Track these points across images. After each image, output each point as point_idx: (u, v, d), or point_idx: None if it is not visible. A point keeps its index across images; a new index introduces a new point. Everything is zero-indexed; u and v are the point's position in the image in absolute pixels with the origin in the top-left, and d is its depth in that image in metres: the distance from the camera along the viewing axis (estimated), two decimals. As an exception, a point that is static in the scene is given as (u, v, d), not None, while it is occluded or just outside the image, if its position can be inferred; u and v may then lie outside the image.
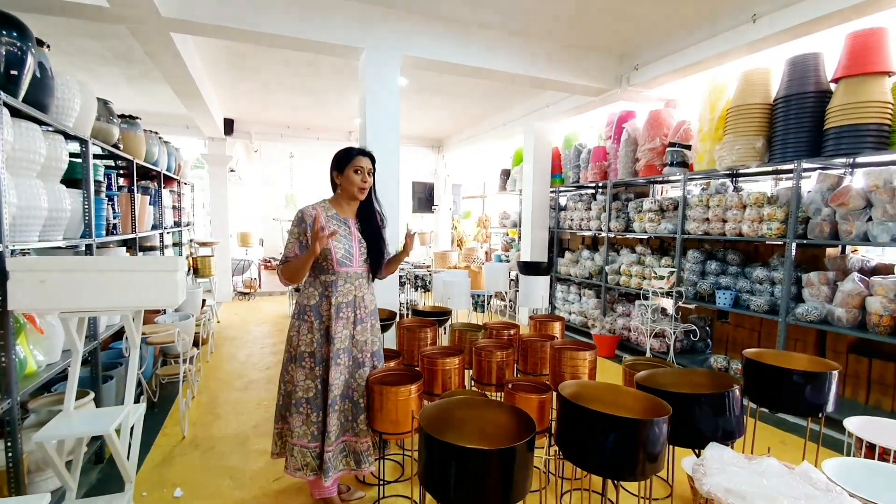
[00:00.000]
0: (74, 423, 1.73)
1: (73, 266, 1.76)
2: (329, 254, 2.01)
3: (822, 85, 3.40)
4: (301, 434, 2.05)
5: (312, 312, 2.06)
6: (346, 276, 2.07)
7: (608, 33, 4.02)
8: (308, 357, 2.06)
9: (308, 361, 2.06)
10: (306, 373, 2.06)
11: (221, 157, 7.50)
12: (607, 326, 5.05)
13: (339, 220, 2.10)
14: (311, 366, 2.06)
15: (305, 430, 2.06)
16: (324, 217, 2.04)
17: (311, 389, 2.06)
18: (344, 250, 2.06)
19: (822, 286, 3.40)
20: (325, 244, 1.95)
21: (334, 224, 2.06)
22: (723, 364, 3.99)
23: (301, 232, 2.02)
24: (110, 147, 3.03)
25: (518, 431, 1.35)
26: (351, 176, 2.07)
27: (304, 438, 2.05)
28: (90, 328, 2.60)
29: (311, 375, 2.06)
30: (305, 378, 2.06)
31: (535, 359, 2.83)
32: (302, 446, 2.06)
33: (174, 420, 3.25)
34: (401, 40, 3.63)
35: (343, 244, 2.06)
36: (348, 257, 2.07)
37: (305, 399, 2.06)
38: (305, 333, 2.06)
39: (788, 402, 1.82)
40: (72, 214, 2.43)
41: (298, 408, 2.05)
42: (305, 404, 2.06)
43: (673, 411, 1.34)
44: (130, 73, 5.14)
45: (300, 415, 2.05)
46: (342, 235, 2.07)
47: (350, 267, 2.08)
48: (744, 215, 3.79)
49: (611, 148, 5.32)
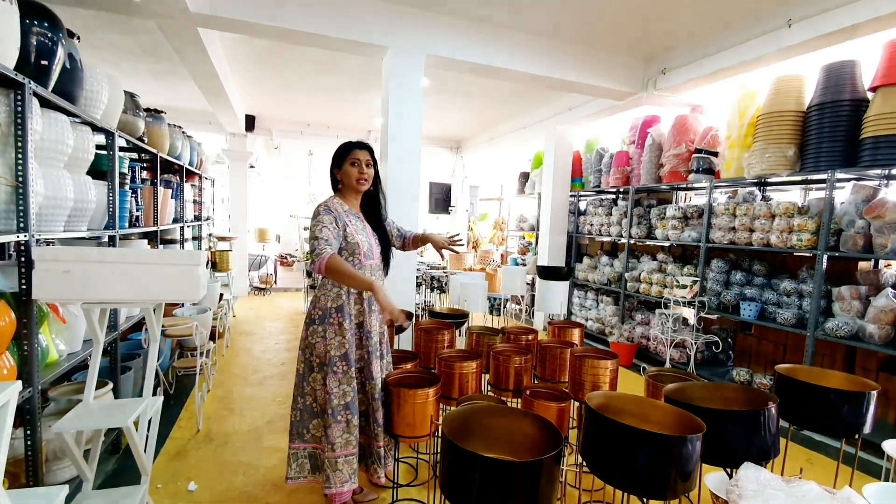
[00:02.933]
0: (94, 415, 1.73)
1: (96, 257, 1.76)
2: (357, 248, 1.99)
3: (859, 93, 3.28)
4: (343, 444, 1.95)
5: (340, 314, 1.99)
6: (371, 268, 2.06)
7: (636, 36, 3.94)
8: (340, 361, 1.96)
9: (341, 365, 1.96)
10: (340, 378, 1.95)
11: (242, 152, 7.57)
12: (625, 334, 4.95)
13: (353, 214, 2.09)
14: (344, 369, 1.97)
15: (348, 437, 1.96)
16: (340, 209, 2.03)
17: (348, 394, 1.96)
18: (367, 244, 2.06)
19: (853, 301, 3.28)
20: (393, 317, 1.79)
21: (352, 218, 2.06)
22: (746, 377, 3.88)
23: (332, 220, 1.95)
24: (135, 140, 3.05)
25: (543, 442, 1.30)
26: (348, 169, 2.06)
27: (347, 447, 1.95)
28: (111, 319, 2.62)
29: (347, 378, 1.97)
30: (340, 384, 1.95)
31: (553, 365, 2.78)
32: (346, 455, 1.96)
33: (189, 413, 3.27)
34: (425, 39, 3.61)
35: (365, 237, 2.06)
36: (371, 250, 2.07)
37: (343, 405, 1.95)
38: (333, 336, 1.97)
39: (823, 421, 1.74)
40: (96, 206, 2.45)
41: (336, 416, 1.93)
42: (344, 411, 1.95)
43: (706, 427, 1.28)
44: (157, 69, 5.20)
45: (339, 423, 1.94)
46: (361, 229, 2.06)
47: (373, 259, 2.08)
48: (772, 225, 3.68)
49: (634, 153, 5.23)
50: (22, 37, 1.74)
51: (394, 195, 3.65)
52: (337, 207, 2.02)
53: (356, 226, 2.05)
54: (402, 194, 3.67)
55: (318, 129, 7.96)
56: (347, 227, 1.99)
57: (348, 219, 2.03)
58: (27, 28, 1.79)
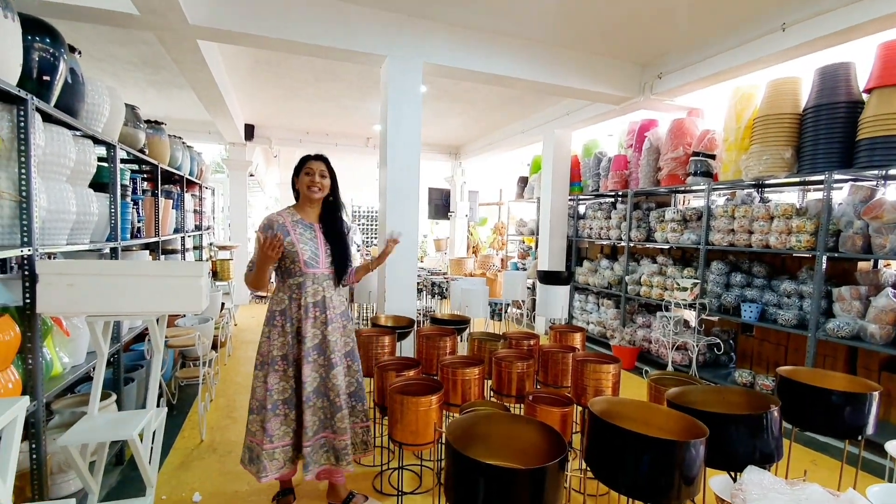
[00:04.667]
0: (98, 428, 1.73)
1: (100, 270, 1.77)
2: (296, 256, 2.09)
3: (854, 95, 3.31)
4: (281, 434, 2.11)
5: (283, 317, 2.13)
6: (313, 277, 2.14)
7: (632, 42, 3.98)
8: (281, 360, 2.12)
9: (281, 364, 2.12)
10: (280, 375, 2.11)
11: (241, 162, 7.60)
12: (627, 338, 4.95)
13: (305, 224, 2.18)
14: (283, 368, 2.12)
15: (286, 429, 2.12)
16: (290, 222, 2.14)
17: (286, 390, 2.12)
18: (310, 252, 2.13)
19: (853, 301, 3.28)
20: (278, 253, 2.00)
21: (300, 228, 2.15)
22: (748, 379, 3.88)
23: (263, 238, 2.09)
24: (136, 152, 3.07)
25: (547, 449, 1.31)
26: (302, 177, 2.18)
27: (284, 438, 2.12)
28: (113, 330, 2.62)
29: (285, 377, 2.12)
30: (279, 380, 2.11)
31: (555, 370, 2.78)
32: (283, 446, 2.12)
33: (192, 423, 3.27)
34: (423, 48, 3.64)
35: (309, 247, 2.14)
36: (315, 259, 2.14)
37: (282, 400, 2.12)
38: (277, 338, 2.12)
39: (826, 423, 1.75)
40: (99, 218, 2.46)
41: (276, 410, 2.10)
42: (283, 405, 2.12)
43: (709, 432, 1.28)
44: (156, 79, 5.23)
45: (278, 417, 2.10)
46: (308, 238, 2.15)
47: (317, 269, 2.15)
48: (771, 227, 3.70)
49: (632, 157, 5.25)
50: (24, 53, 1.76)
51: (394, 202, 3.67)
52: (280, 220, 2.13)
53: (303, 235, 2.14)
54: (402, 201, 3.68)
55: (318, 137, 7.99)
56: (290, 236, 2.10)
57: (294, 228, 2.13)
58: (29, 44, 1.81)
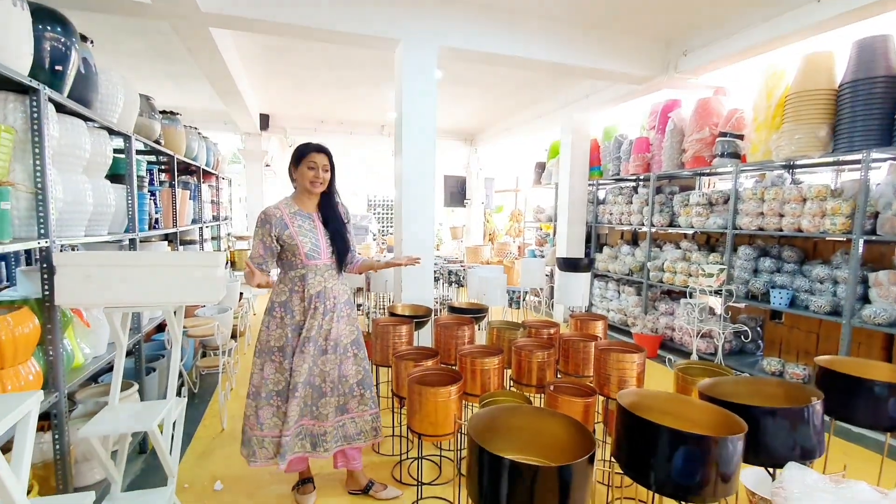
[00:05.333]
0: (119, 419, 1.73)
1: (117, 261, 1.76)
2: (297, 249, 2.05)
3: (893, 69, 3.12)
4: (272, 425, 2.09)
5: (282, 308, 2.10)
6: (315, 268, 2.11)
7: (656, 17, 3.80)
8: (277, 352, 2.09)
9: (277, 356, 2.09)
10: (276, 367, 2.09)
11: (257, 152, 7.61)
12: (649, 325, 4.85)
13: (303, 215, 2.12)
14: (279, 360, 2.09)
15: (277, 420, 2.09)
16: (287, 214, 2.08)
17: (280, 382, 2.10)
18: (311, 244, 2.09)
19: (891, 286, 3.13)
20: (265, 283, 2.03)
21: (299, 220, 2.09)
22: (777, 368, 3.75)
23: (265, 233, 2.05)
24: (152, 143, 3.07)
25: (573, 444, 1.25)
26: (304, 171, 2.10)
27: (275, 429, 2.09)
28: (134, 321, 2.64)
29: (281, 369, 2.09)
30: (275, 372, 2.09)
31: (577, 360, 2.71)
32: (272, 437, 2.10)
33: (213, 412, 3.30)
34: (437, 30, 3.54)
35: (309, 238, 2.09)
36: (316, 250, 2.10)
37: (276, 392, 2.10)
38: (275, 329, 2.10)
39: (868, 415, 1.65)
40: (116, 209, 2.46)
41: (269, 400, 2.09)
42: (276, 396, 2.10)
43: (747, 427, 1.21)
44: (172, 70, 5.24)
45: (271, 407, 2.09)
46: (308, 230, 2.10)
47: (318, 259, 2.11)
48: (804, 209, 3.53)
49: (654, 139, 5.08)
50: (35, 42, 1.74)
51: (409, 190, 3.61)
52: (278, 213, 2.07)
53: (301, 226, 2.08)
54: (418, 189, 3.62)
55: (332, 125, 7.95)
56: (289, 228, 2.04)
57: (292, 220, 2.07)
58: (40, 33, 1.79)
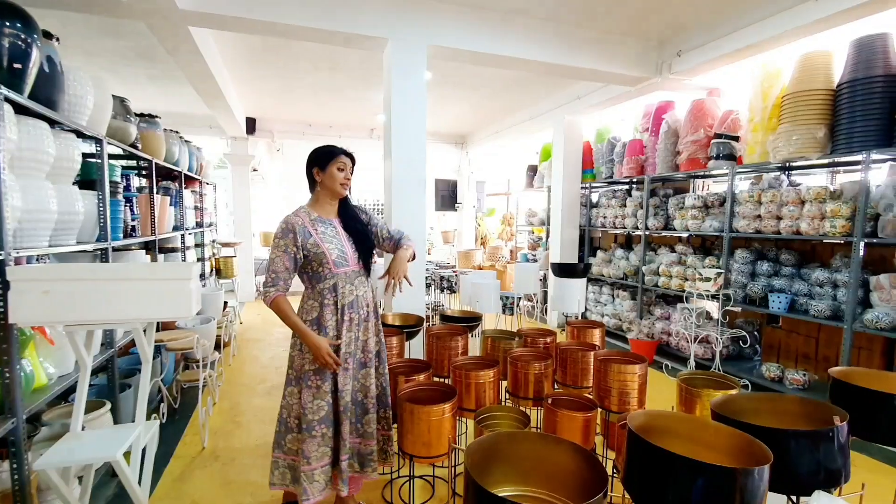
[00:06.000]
0: (80, 447, 1.58)
1: (79, 275, 1.62)
2: (324, 257, 1.91)
3: (893, 68, 3.06)
4: (319, 456, 1.91)
5: (315, 326, 1.95)
6: (345, 276, 1.97)
7: (649, 17, 3.73)
8: (314, 375, 1.92)
9: (314, 380, 1.92)
10: (314, 392, 1.91)
11: (244, 156, 7.44)
12: (645, 331, 4.76)
13: (324, 221, 2.00)
14: (318, 384, 1.92)
15: (324, 450, 1.92)
16: (308, 221, 1.94)
17: (322, 409, 1.91)
18: (338, 251, 1.96)
19: (893, 290, 3.06)
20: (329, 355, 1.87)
21: (320, 226, 1.96)
22: (776, 374, 3.67)
23: (289, 243, 1.88)
24: (127, 147, 2.91)
25: (580, 473, 1.14)
26: (334, 172, 1.98)
27: (322, 459, 1.92)
28: (106, 336, 2.49)
29: (321, 394, 1.91)
30: (314, 398, 1.91)
31: (575, 370, 2.60)
32: (322, 467, 1.92)
33: (195, 429, 3.14)
34: (427, 29, 3.43)
35: (335, 244, 1.96)
36: (343, 257, 1.97)
37: (318, 420, 1.91)
38: (309, 351, 1.91)
39: (886, 431, 1.56)
40: (86, 217, 2.31)
41: (311, 431, 1.90)
42: (318, 425, 1.91)
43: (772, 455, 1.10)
44: (153, 73, 5.07)
45: (314, 438, 1.90)
46: (331, 236, 1.97)
47: (347, 266, 1.98)
48: (802, 211, 3.46)
49: (648, 141, 5.01)
50: (-12, 37, 1.60)
51: (400, 194, 3.49)
52: (301, 221, 1.92)
53: (325, 233, 1.95)
54: (408, 192, 3.50)
55: (320, 129, 7.81)
56: (313, 237, 1.91)
57: (315, 228, 1.94)
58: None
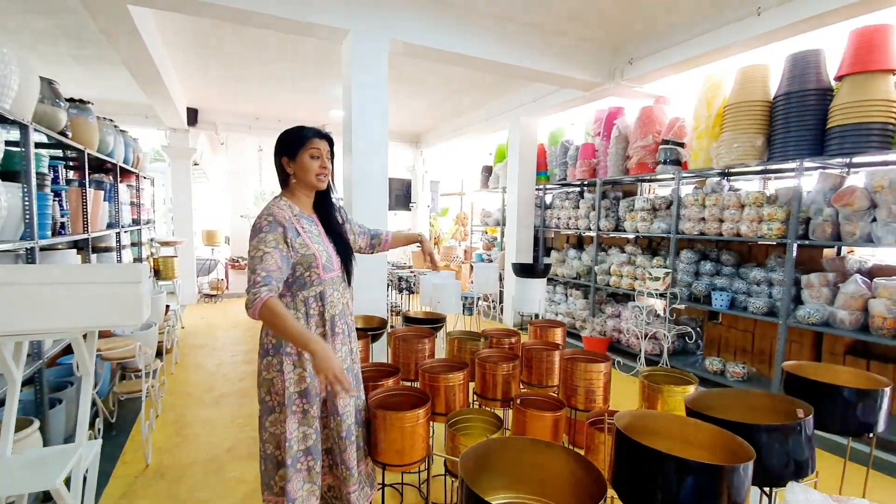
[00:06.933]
0: (12, 476, 1.39)
1: (6, 279, 1.42)
2: (313, 260, 1.62)
3: (824, 82, 3.32)
4: (306, 495, 1.62)
5: None
6: (332, 282, 1.69)
7: (604, 24, 3.85)
8: (299, 398, 1.61)
9: (300, 403, 1.61)
10: (299, 418, 1.61)
11: (184, 149, 6.98)
12: (598, 328, 4.92)
13: (306, 217, 1.69)
14: (304, 408, 1.62)
15: (311, 486, 1.63)
16: (291, 216, 1.62)
17: (309, 437, 1.62)
18: (326, 253, 1.67)
19: (822, 288, 3.33)
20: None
21: (305, 223, 1.65)
22: (719, 367, 3.91)
23: (279, 238, 1.54)
24: (56, 134, 2.63)
25: (574, 479, 1.13)
26: (306, 161, 1.65)
27: (311, 498, 1.63)
28: (33, 346, 2.22)
29: (307, 420, 1.62)
30: (299, 425, 1.61)
31: (540, 370, 2.62)
32: None
33: (136, 444, 2.88)
34: (389, 22, 3.35)
35: (322, 246, 1.67)
36: (330, 260, 1.69)
37: (303, 450, 1.62)
38: (293, 369, 1.61)
39: (836, 421, 1.68)
40: (9, 212, 2.06)
41: (296, 465, 1.60)
42: (304, 457, 1.62)
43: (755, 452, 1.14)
44: (81, 54, 4.63)
45: (300, 472, 1.61)
46: (317, 236, 1.68)
47: (334, 272, 1.70)
48: (742, 215, 3.70)
49: (600, 145, 5.18)
50: None
51: (360, 192, 3.39)
52: (286, 215, 1.60)
53: (311, 232, 1.66)
54: (368, 191, 3.41)
55: (268, 122, 7.47)
56: (301, 235, 1.61)
57: (300, 225, 1.63)
58: None
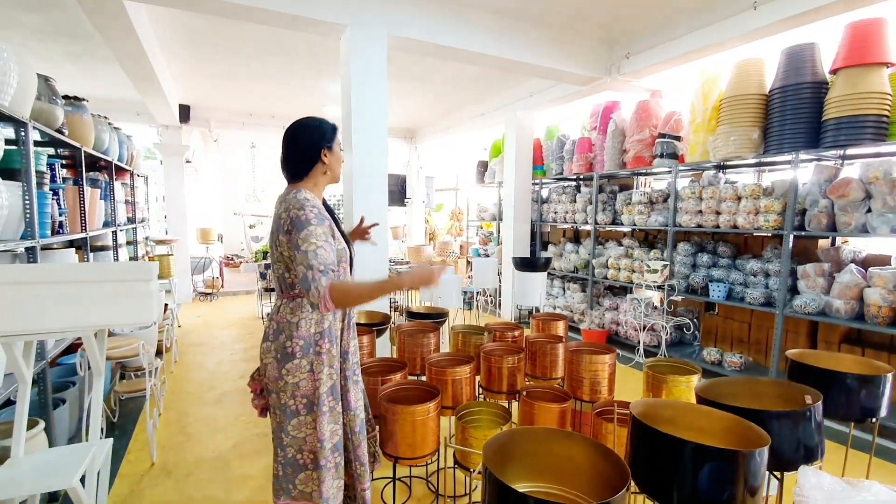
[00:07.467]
0: (26, 476, 1.38)
1: (16, 277, 1.41)
2: (345, 255, 1.61)
3: (819, 75, 3.36)
4: (336, 492, 1.61)
5: (327, 337, 1.59)
6: (346, 276, 1.66)
7: (601, 19, 3.85)
8: (328, 396, 1.58)
9: (328, 401, 1.58)
10: (328, 416, 1.59)
11: (177, 146, 6.90)
12: (596, 321, 4.96)
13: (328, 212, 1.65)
14: (332, 405, 1.60)
15: (339, 483, 1.62)
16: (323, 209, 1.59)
17: (336, 433, 1.61)
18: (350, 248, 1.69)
19: (817, 278, 3.39)
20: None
21: (327, 219, 1.57)
22: (716, 357, 3.96)
23: (328, 232, 1.51)
24: (53, 132, 2.59)
25: (595, 469, 1.14)
26: (340, 155, 1.66)
27: (339, 495, 1.62)
28: (37, 346, 2.20)
29: (333, 416, 1.60)
30: (329, 423, 1.59)
31: (545, 362, 2.65)
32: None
33: (140, 443, 2.87)
34: (388, 17, 3.33)
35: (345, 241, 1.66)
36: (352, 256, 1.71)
37: (331, 448, 1.59)
38: (322, 369, 1.56)
39: (840, 407, 1.72)
40: (9, 211, 2.03)
41: (328, 464, 1.57)
42: (332, 454, 1.59)
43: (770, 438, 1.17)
44: (73, 51, 4.55)
45: (329, 471, 1.58)
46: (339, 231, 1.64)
47: (348, 266, 1.69)
48: (739, 207, 3.75)
49: (597, 139, 5.20)
50: None
51: (361, 188, 3.38)
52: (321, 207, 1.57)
53: (335, 227, 1.62)
54: (369, 187, 3.40)
55: (262, 118, 7.41)
56: (335, 230, 1.58)
57: (330, 220, 1.60)
58: None
